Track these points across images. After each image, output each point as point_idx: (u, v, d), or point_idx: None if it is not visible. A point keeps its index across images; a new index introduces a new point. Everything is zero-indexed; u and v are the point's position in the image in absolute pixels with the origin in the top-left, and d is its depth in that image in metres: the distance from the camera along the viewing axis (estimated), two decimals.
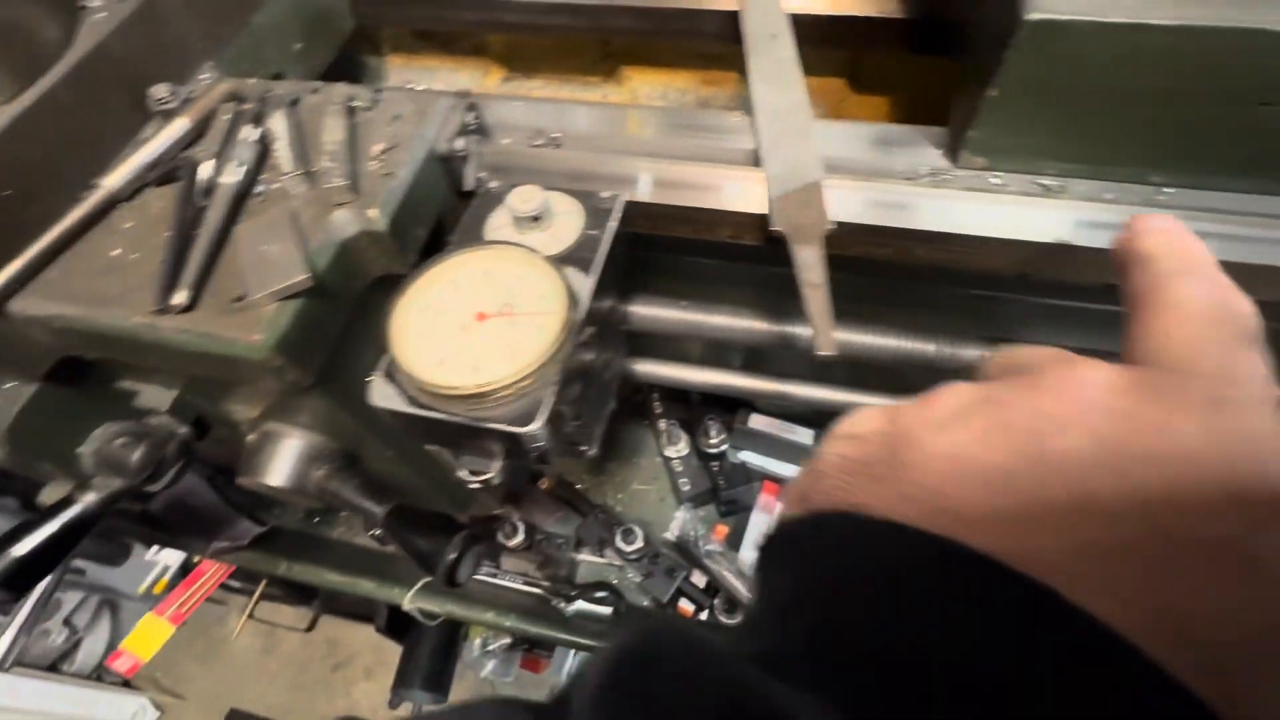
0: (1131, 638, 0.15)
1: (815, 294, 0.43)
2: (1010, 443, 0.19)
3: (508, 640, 1.62)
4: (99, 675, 2.15)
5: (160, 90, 0.52)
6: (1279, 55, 0.40)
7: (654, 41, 0.77)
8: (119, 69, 0.51)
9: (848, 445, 0.23)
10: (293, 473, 0.56)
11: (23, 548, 0.50)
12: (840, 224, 0.48)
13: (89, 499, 0.52)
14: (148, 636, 1.21)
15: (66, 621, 2.13)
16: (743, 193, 0.52)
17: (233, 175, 0.47)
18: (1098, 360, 0.20)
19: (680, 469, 0.98)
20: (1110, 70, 0.43)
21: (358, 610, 1.58)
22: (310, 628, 2.16)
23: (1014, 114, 0.47)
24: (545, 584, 0.94)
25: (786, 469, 1.00)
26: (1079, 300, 0.63)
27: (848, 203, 0.50)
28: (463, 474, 0.45)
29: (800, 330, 0.59)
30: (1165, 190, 0.49)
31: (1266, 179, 0.47)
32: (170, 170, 0.49)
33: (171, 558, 1.27)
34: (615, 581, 0.96)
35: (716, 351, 0.83)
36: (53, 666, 2.13)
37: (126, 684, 2.24)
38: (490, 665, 1.58)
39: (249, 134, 0.49)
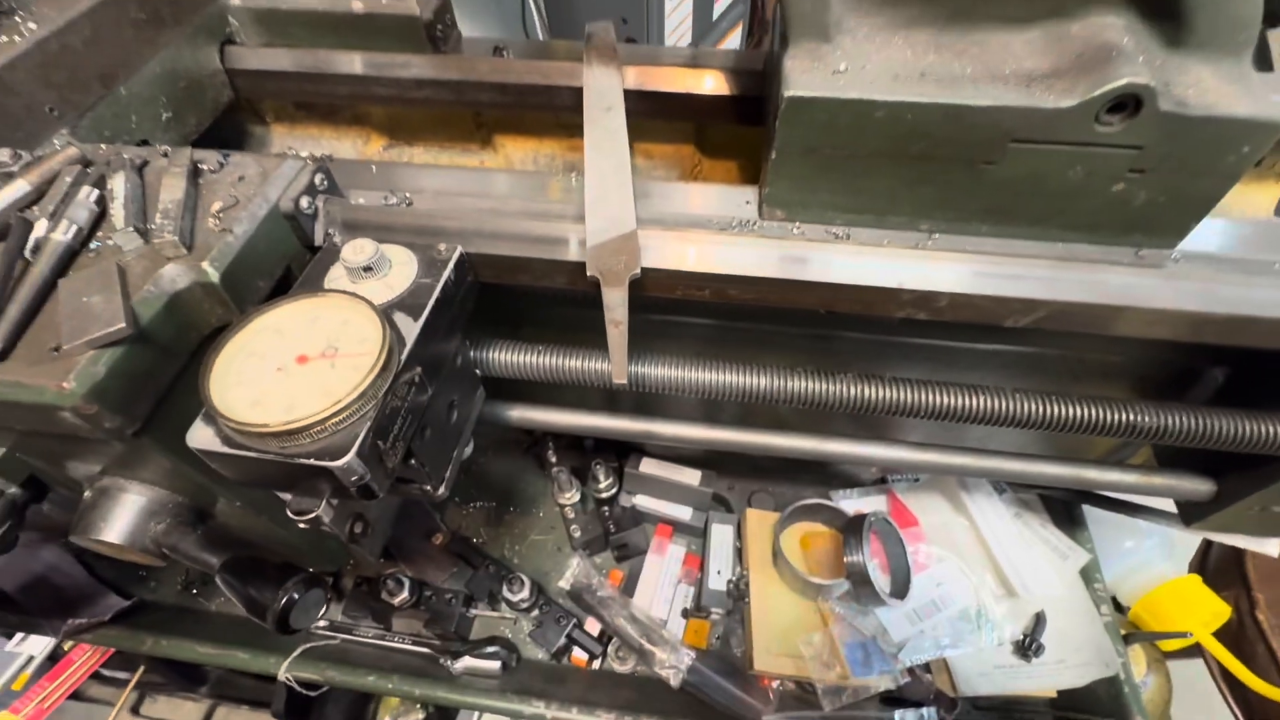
0: None
1: (615, 330, 0.47)
2: None
3: (421, 715, 1.53)
4: None
5: (3, 155, 0.53)
6: (984, 125, 0.49)
7: (518, 113, 0.84)
8: None
9: None
10: (129, 529, 0.55)
11: None
12: (658, 269, 0.53)
13: None
14: None
15: None
16: (570, 244, 0.58)
17: (64, 233, 0.49)
18: None
19: (572, 516, 0.99)
20: (857, 137, 0.51)
21: (256, 696, 1.46)
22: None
23: (794, 173, 0.55)
24: (435, 642, 0.92)
25: (678, 510, 1.02)
26: (891, 335, 0.71)
27: (664, 251, 0.56)
28: (290, 514, 0.46)
29: (646, 370, 0.64)
30: (933, 235, 0.58)
31: (1007, 223, 0.56)
32: (2, 229, 0.50)
33: (35, 647, 1.16)
34: (509, 635, 0.95)
35: (606, 396, 0.86)
36: None
37: None
38: None
39: (87, 194, 0.51)
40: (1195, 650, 1.02)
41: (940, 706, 0.83)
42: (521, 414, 0.75)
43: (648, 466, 1.02)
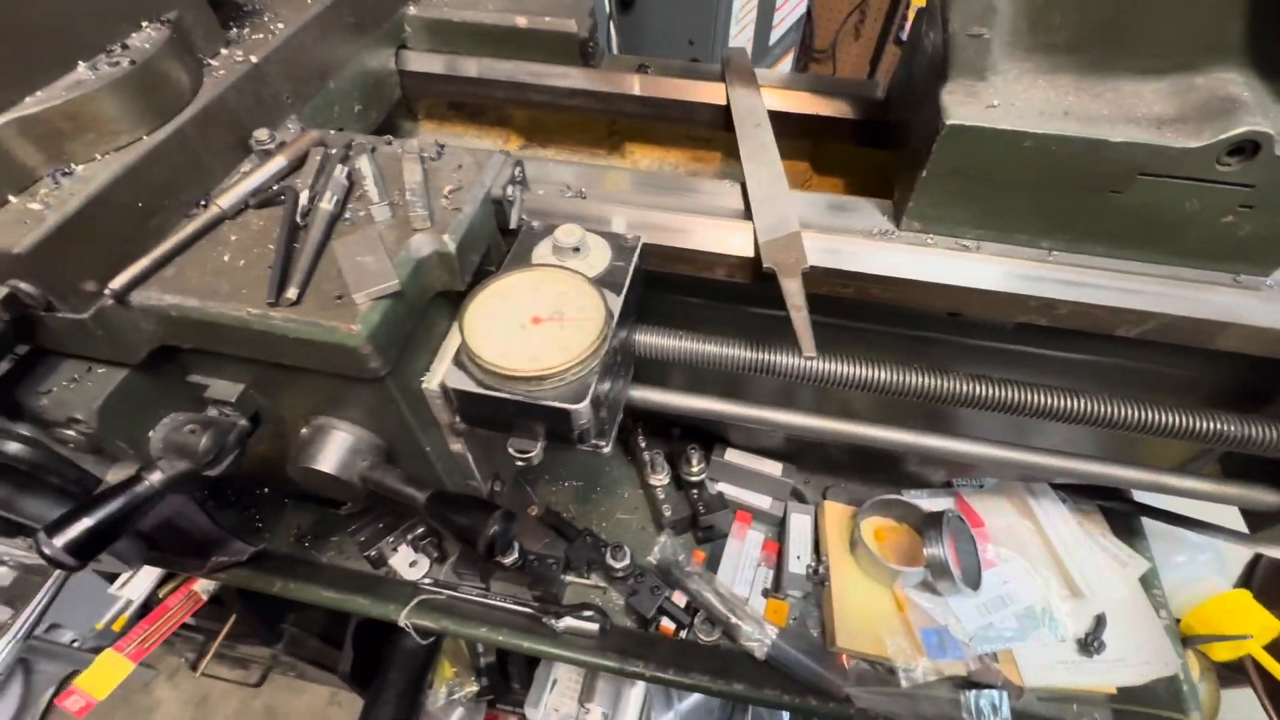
0: None
1: (798, 314, 0.56)
2: None
3: (475, 689, 1.59)
4: None
5: (262, 134, 0.63)
6: (1118, 159, 0.57)
7: (653, 124, 0.93)
8: (230, 115, 0.62)
9: None
10: (341, 462, 0.63)
11: (92, 518, 0.55)
12: (813, 266, 0.62)
13: (154, 478, 0.58)
14: (104, 674, 1.16)
15: None
16: (734, 240, 0.66)
17: (328, 203, 0.58)
18: None
19: (663, 496, 1.07)
20: (1003, 163, 0.59)
21: (320, 659, 1.54)
22: (259, 682, 2.05)
23: (938, 190, 0.63)
24: (534, 604, 0.99)
25: (758, 499, 1.10)
26: (996, 340, 0.78)
27: (818, 251, 0.64)
28: (511, 451, 0.54)
29: (774, 357, 0.72)
30: (1052, 252, 0.66)
31: (1122, 245, 0.64)
32: (269, 196, 0.59)
33: (135, 592, 1.24)
34: (599, 602, 1.02)
35: (698, 384, 0.94)
36: None
37: None
38: (457, 715, 1.55)
39: (340, 172, 0.60)
40: (1238, 675, 1.08)
41: (1009, 692, 0.90)
42: (643, 395, 0.83)
43: (732, 456, 1.10)
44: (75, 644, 1.86)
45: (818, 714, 0.91)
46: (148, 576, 1.28)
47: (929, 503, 1.09)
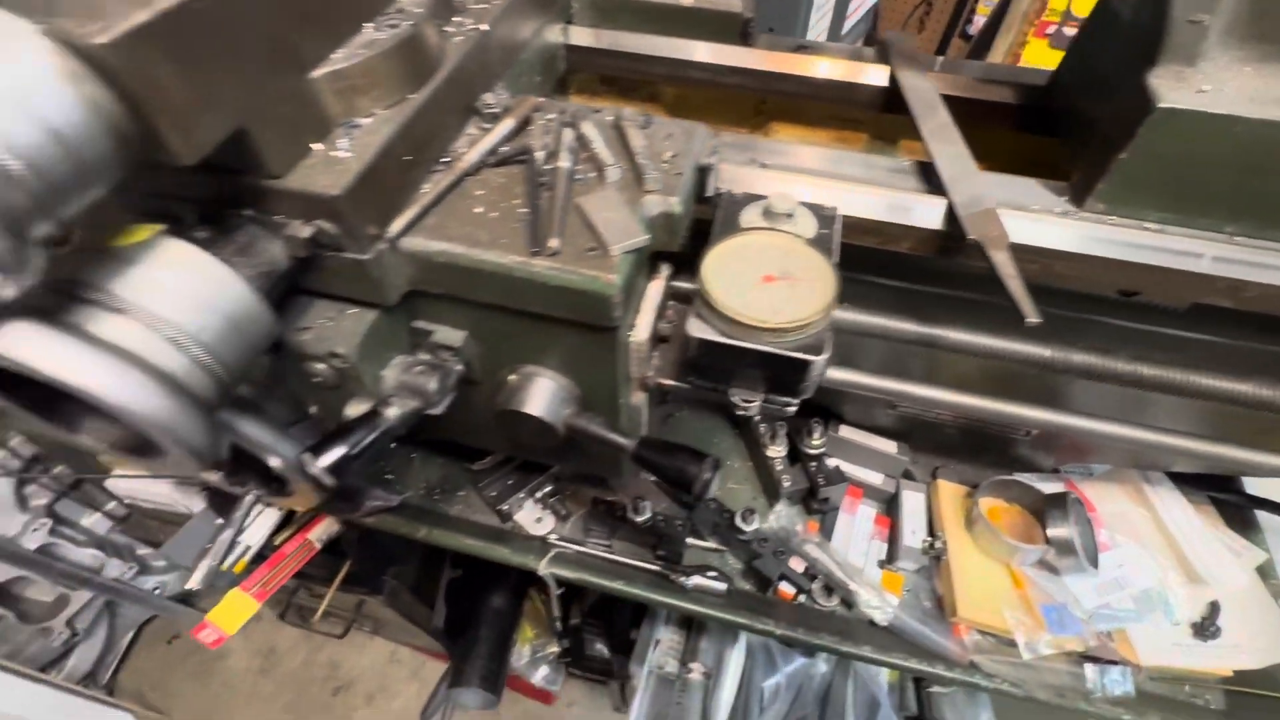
0: None
1: (1014, 282, 0.59)
2: None
3: (556, 649, 1.66)
4: (86, 684, 2.07)
5: (489, 98, 0.67)
6: None
7: (802, 104, 0.96)
8: (465, 79, 0.66)
9: None
10: (548, 407, 0.68)
11: (345, 445, 0.60)
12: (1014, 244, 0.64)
13: (391, 413, 0.63)
14: (233, 611, 1.23)
15: (69, 623, 2.07)
16: (926, 213, 0.69)
17: (566, 162, 0.62)
18: None
19: (781, 468, 1.11)
20: (1209, 148, 0.61)
21: (411, 614, 1.60)
22: (344, 634, 2.14)
23: (1135, 173, 0.65)
24: (657, 564, 1.04)
25: (870, 475, 1.13)
26: (1165, 326, 0.80)
27: (1007, 227, 0.67)
28: (735, 399, 0.58)
29: (942, 332, 0.75)
30: (1235, 238, 0.68)
31: None
32: (505, 156, 0.64)
33: (254, 538, 1.31)
34: (717, 565, 1.06)
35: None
36: (43, 669, 2.04)
37: (110, 694, 2.17)
38: (541, 672, 1.61)
39: (568, 135, 0.64)
40: None
41: (1130, 669, 0.93)
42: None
43: (847, 432, 1.13)
44: (157, 591, 1.96)
45: (940, 679, 0.95)
46: (264, 525, 1.36)
47: (1039, 486, 1.11)
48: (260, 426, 0.68)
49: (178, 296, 0.46)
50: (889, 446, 1.12)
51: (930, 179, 0.73)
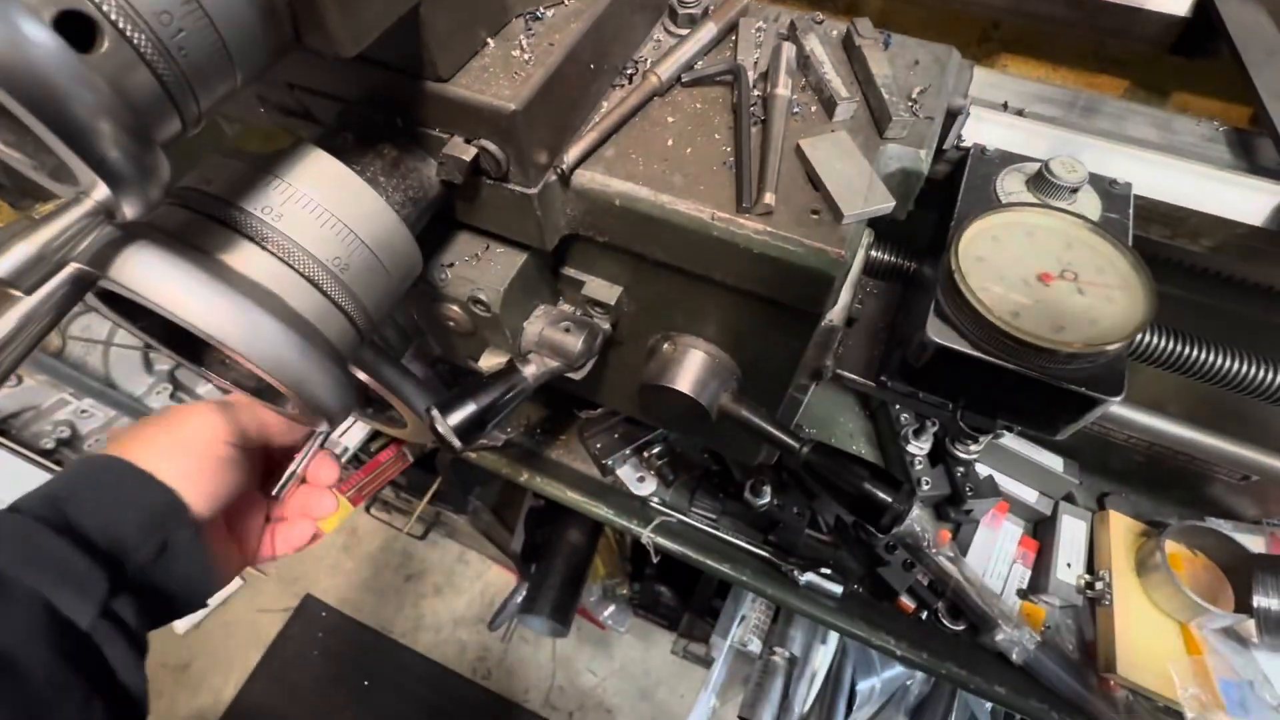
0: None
1: None
2: None
3: (626, 592, 1.65)
4: None
5: None
6: None
7: (1059, 32, 0.75)
8: None
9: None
10: (704, 388, 0.57)
11: (478, 403, 0.52)
12: None
13: (529, 371, 0.54)
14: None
15: None
16: (1251, 202, 0.51)
17: (784, 88, 0.47)
18: None
19: (920, 467, 0.97)
20: None
21: (491, 534, 1.63)
22: (424, 535, 2.25)
23: None
24: (767, 550, 0.95)
25: (1025, 491, 0.98)
26: None
27: None
28: (962, 425, 0.45)
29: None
30: None
31: None
32: (703, 74, 0.50)
33: (351, 440, 1.32)
34: (832, 563, 0.97)
35: None
36: None
37: None
38: (610, 610, 1.61)
39: (789, 52, 0.49)
40: None
41: None
42: None
43: (1008, 440, 0.97)
44: None
45: None
46: (360, 430, 1.36)
47: (1236, 538, 0.93)
48: (393, 368, 0.61)
49: (321, 224, 0.37)
50: (1054, 462, 0.96)
51: (1255, 152, 0.54)
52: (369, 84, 0.42)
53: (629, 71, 0.50)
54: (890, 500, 0.49)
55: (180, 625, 2.29)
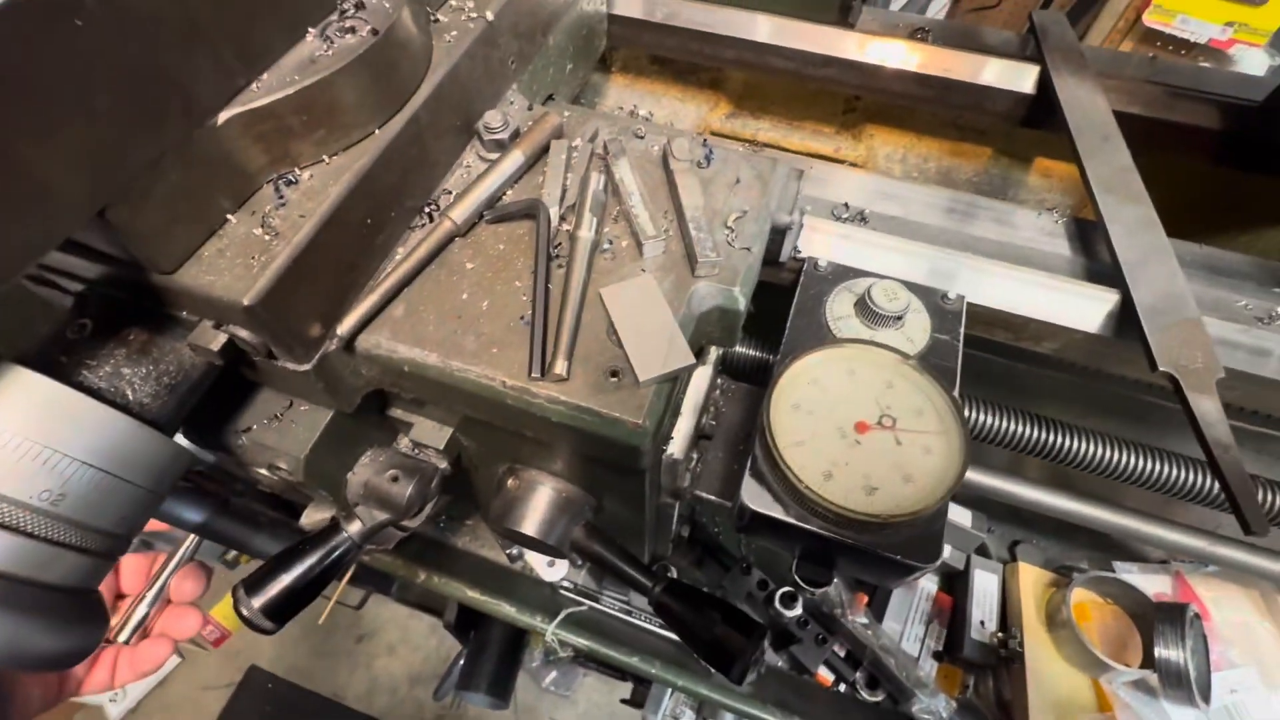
0: None
1: (1228, 458, 0.40)
2: None
3: (571, 652, 1.60)
4: None
5: (493, 118, 0.49)
6: None
7: (916, 106, 0.74)
8: (460, 91, 0.48)
9: None
10: (553, 527, 0.53)
11: (290, 575, 0.47)
12: (1228, 371, 0.45)
13: (353, 529, 0.50)
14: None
15: None
16: (1086, 310, 0.49)
17: (589, 229, 0.44)
18: None
19: None
20: None
21: (424, 602, 1.56)
22: (360, 606, 2.16)
23: None
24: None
25: None
26: None
27: (1221, 345, 0.47)
28: (800, 578, 0.42)
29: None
30: None
31: None
32: (508, 210, 0.47)
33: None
34: None
35: None
36: None
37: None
38: (552, 675, 1.56)
39: (596, 182, 0.46)
40: None
41: None
42: None
43: None
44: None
45: None
46: None
47: (1139, 580, 0.94)
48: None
49: (19, 458, 0.32)
50: (963, 517, 0.95)
51: (1093, 247, 0.53)
52: (101, 270, 0.37)
53: (429, 210, 0.46)
54: (738, 647, 0.46)
55: (114, 711, 2.15)
